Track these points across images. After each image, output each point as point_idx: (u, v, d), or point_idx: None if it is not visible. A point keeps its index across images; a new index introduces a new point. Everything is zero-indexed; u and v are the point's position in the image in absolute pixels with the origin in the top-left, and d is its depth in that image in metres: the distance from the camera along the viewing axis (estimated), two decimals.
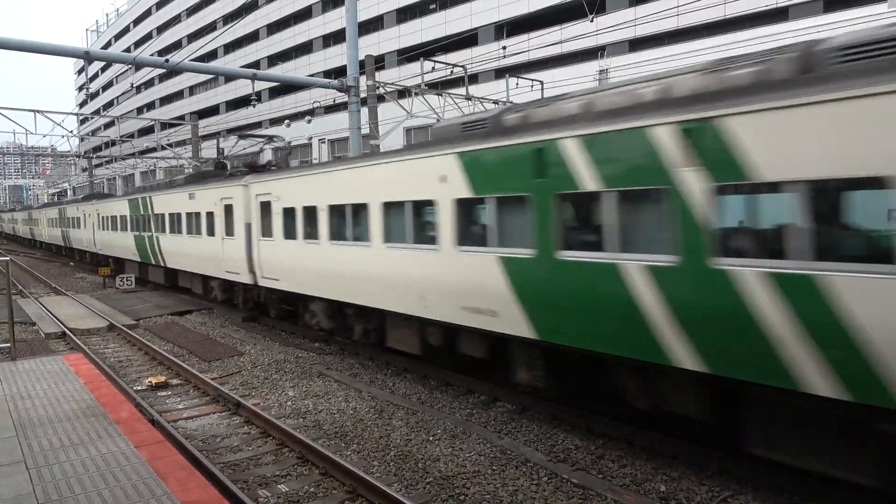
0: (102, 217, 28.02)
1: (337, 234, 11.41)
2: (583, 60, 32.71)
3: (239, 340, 14.46)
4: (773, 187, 5.45)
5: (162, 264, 21.49)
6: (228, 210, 16.04)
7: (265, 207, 14.15)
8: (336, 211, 11.38)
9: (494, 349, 8.85)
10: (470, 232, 8.58)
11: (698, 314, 5.89)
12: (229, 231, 16.02)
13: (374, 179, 10.26)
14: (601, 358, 7.14)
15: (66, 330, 15.49)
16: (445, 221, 8.78)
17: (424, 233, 9.38)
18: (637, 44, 31.86)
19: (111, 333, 16.01)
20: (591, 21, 15.33)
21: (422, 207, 9.42)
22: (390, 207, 9.98)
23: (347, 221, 11.10)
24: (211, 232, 17.25)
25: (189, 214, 18.79)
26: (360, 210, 10.73)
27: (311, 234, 12.12)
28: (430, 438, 8.11)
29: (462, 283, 8.53)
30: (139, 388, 10.86)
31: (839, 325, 4.94)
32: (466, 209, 8.61)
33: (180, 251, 19.71)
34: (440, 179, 8.81)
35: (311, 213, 12.13)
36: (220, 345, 13.98)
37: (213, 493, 4.91)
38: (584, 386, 8.13)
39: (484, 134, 8.45)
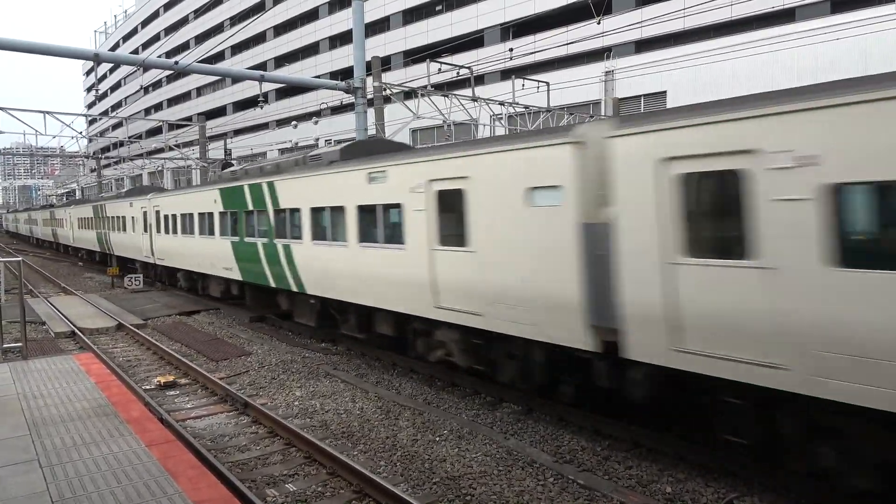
0: (166, 216, 20.98)
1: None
2: (589, 62, 32.73)
3: (246, 340, 14.56)
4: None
5: (308, 291, 12.90)
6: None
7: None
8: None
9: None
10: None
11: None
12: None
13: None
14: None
15: (75, 329, 15.63)
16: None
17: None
18: (643, 45, 31.84)
19: (120, 333, 16.14)
20: (598, 23, 15.36)
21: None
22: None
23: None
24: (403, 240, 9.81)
25: (377, 209, 10.57)
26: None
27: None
28: (437, 439, 8.16)
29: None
30: (148, 387, 10.96)
31: None
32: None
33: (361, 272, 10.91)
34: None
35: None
36: (227, 345, 14.08)
37: (224, 492, 4.98)
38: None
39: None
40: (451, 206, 8.86)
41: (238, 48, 61.40)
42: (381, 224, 10.39)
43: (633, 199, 6.45)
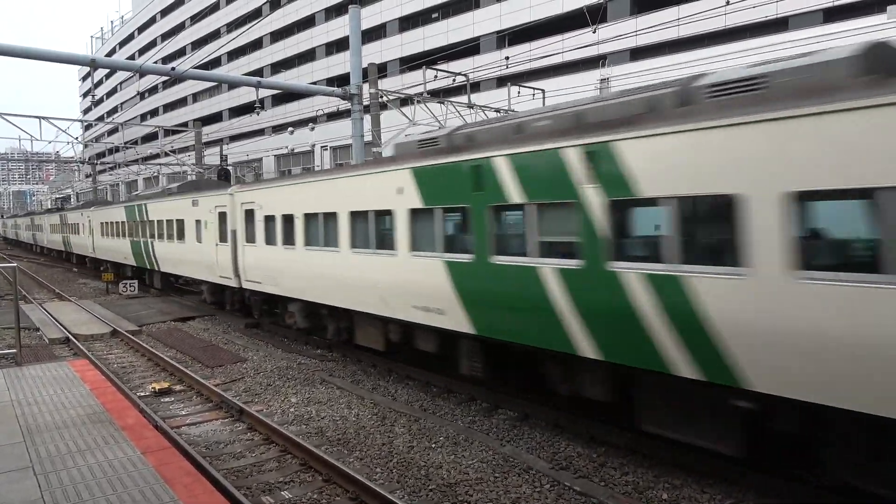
0: (270, 217, 14.32)
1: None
2: (584, 69, 32.89)
3: (242, 347, 14.52)
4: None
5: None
6: None
7: None
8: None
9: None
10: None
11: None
12: None
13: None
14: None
15: (69, 335, 15.56)
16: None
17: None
18: (638, 53, 32.03)
19: (114, 339, 16.07)
20: (594, 32, 15.46)
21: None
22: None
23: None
24: None
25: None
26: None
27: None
28: (433, 445, 8.15)
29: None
30: (143, 394, 10.92)
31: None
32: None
33: None
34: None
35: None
36: (222, 351, 14.04)
37: (219, 500, 4.96)
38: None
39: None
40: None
41: (234, 54, 61.47)
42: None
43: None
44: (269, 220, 14.12)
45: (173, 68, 16.74)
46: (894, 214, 4.74)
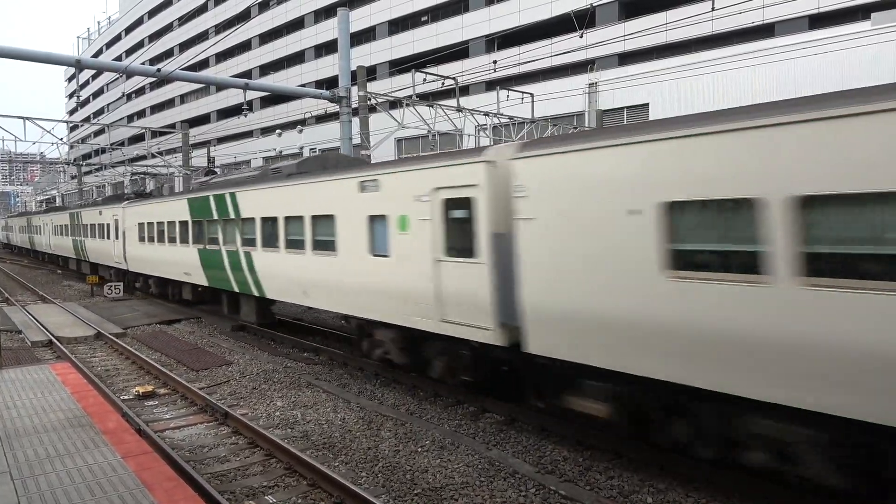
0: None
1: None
2: (573, 73, 33.05)
3: (227, 350, 14.40)
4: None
5: None
6: None
7: None
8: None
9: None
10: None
11: None
12: None
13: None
14: None
15: (52, 338, 15.36)
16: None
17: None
18: (626, 58, 32.23)
19: (98, 342, 15.89)
20: (581, 36, 15.52)
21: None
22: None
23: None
24: None
25: None
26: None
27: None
28: (419, 449, 8.12)
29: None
30: (126, 397, 10.78)
31: None
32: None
33: None
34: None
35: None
36: (208, 354, 13.91)
37: None
38: None
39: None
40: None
41: (223, 56, 61.16)
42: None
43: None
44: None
45: (159, 69, 16.62)
46: None
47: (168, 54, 64.81)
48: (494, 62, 23.06)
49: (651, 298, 6.15)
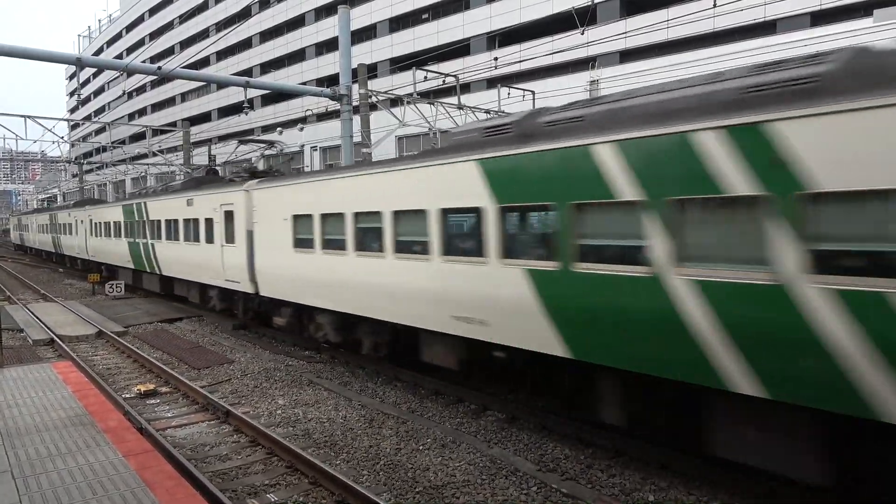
0: None
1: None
2: (574, 71, 32.98)
3: (229, 348, 14.41)
4: None
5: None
6: None
7: None
8: None
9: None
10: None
11: None
12: None
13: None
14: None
15: (54, 337, 15.38)
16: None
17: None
18: (627, 55, 32.16)
19: (100, 340, 15.90)
20: (582, 33, 15.48)
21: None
22: None
23: None
24: None
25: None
26: None
27: None
28: (420, 448, 8.12)
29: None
30: (128, 395, 10.79)
31: None
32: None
33: None
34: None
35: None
36: (209, 352, 13.92)
37: (202, 503, 4.90)
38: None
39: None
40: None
41: (223, 54, 61.12)
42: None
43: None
44: None
45: (160, 67, 16.61)
46: None
47: (169, 52, 64.80)
48: (495, 59, 23.02)
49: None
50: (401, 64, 38.37)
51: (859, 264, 4.86)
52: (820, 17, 26.52)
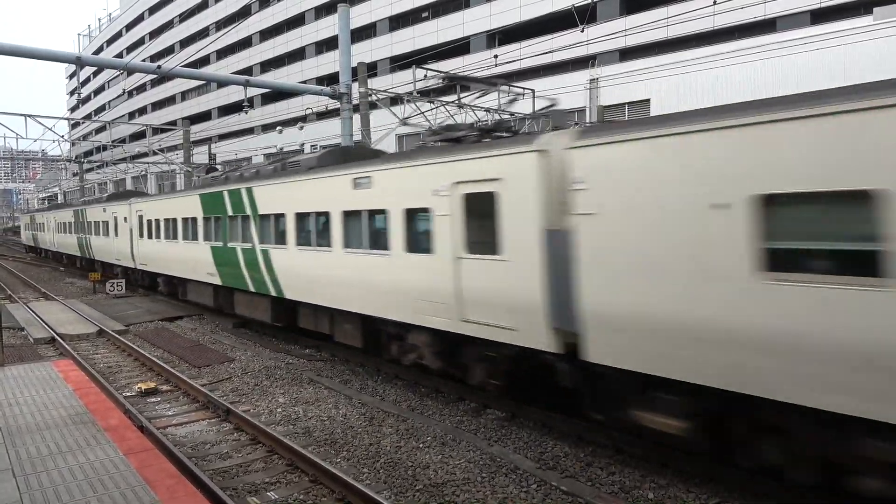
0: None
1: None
2: (574, 69, 32.95)
3: (229, 346, 14.43)
4: None
5: None
6: None
7: None
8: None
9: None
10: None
11: None
12: None
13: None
14: None
15: (55, 335, 15.40)
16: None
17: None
18: (627, 53, 32.12)
19: (101, 339, 15.92)
20: (582, 31, 15.48)
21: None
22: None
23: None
24: None
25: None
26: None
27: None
28: (420, 445, 8.13)
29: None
30: (128, 394, 10.81)
31: None
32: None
33: None
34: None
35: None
36: (210, 351, 13.94)
37: (202, 501, 4.92)
38: None
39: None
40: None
41: (223, 53, 61.11)
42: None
43: None
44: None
45: (159, 66, 16.61)
46: None
47: (169, 51, 64.75)
48: (495, 57, 23.01)
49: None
50: (401, 62, 38.35)
51: None
52: (820, 15, 26.48)
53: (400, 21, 45.05)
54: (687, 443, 6.39)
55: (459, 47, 35.91)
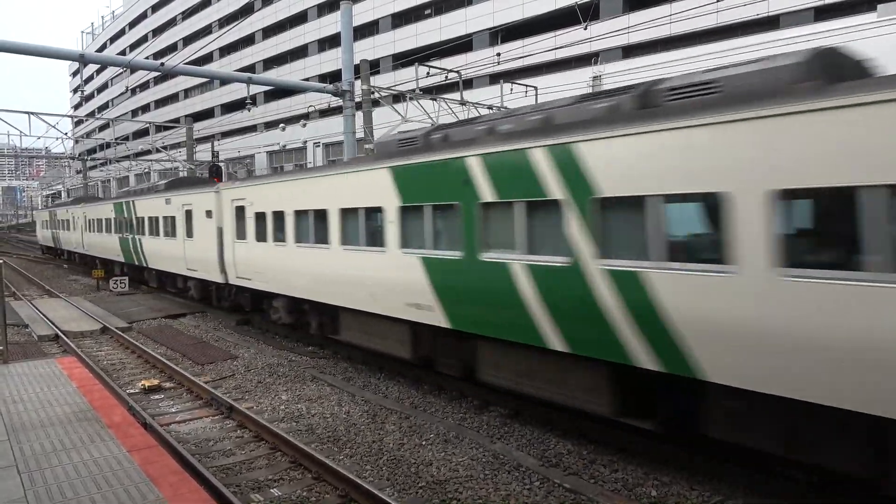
0: None
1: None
2: (577, 66, 32.89)
3: (232, 344, 14.45)
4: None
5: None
6: None
7: None
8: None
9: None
10: None
11: None
12: None
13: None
14: None
15: (59, 332, 15.44)
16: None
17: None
18: (630, 51, 32.04)
19: (104, 336, 15.96)
20: (585, 29, 15.45)
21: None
22: None
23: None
24: None
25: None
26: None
27: None
28: (423, 443, 8.14)
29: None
30: (132, 391, 10.84)
31: None
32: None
33: None
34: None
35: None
36: (213, 348, 13.97)
37: (205, 497, 4.93)
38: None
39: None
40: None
41: (226, 50, 61.13)
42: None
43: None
44: None
45: (162, 64, 16.62)
46: None
47: (172, 49, 64.76)
48: (498, 55, 22.97)
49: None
50: (403, 60, 38.32)
51: None
52: (824, 12, 26.37)
53: (403, 18, 45.00)
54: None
55: (462, 45, 35.85)
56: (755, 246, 5.49)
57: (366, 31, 45.69)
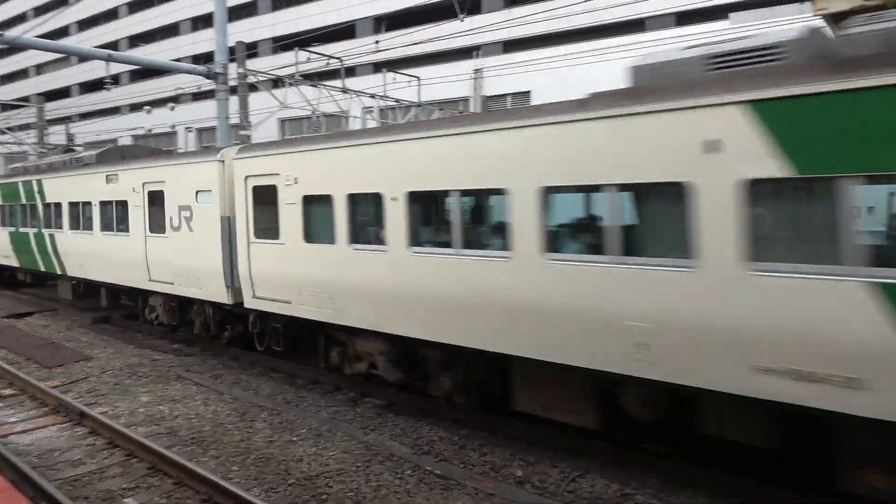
0: None
1: None
2: (459, 59, 33.33)
3: (87, 344, 13.29)
4: None
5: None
6: None
7: None
8: None
9: None
10: None
11: None
12: None
13: None
14: None
15: None
16: None
17: None
18: (510, 45, 32.94)
19: None
20: (462, 21, 15.61)
21: None
22: None
23: None
24: None
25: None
26: None
27: None
28: (294, 439, 7.91)
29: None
30: None
31: None
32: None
33: None
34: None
35: None
36: (64, 349, 12.77)
37: None
38: None
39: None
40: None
41: (86, 24, 55.89)
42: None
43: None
44: None
45: (1, 34, 14.85)
46: None
47: (20, 18, 58.29)
48: (377, 42, 22.75)
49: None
50: (283, 43, 36.95)
51: None
52: (684, 17, 28.52)
53: (283, 0, 43.31)
54: None
55: (345, 31, 35.15)
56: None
57: (243, 11, 43.53)
